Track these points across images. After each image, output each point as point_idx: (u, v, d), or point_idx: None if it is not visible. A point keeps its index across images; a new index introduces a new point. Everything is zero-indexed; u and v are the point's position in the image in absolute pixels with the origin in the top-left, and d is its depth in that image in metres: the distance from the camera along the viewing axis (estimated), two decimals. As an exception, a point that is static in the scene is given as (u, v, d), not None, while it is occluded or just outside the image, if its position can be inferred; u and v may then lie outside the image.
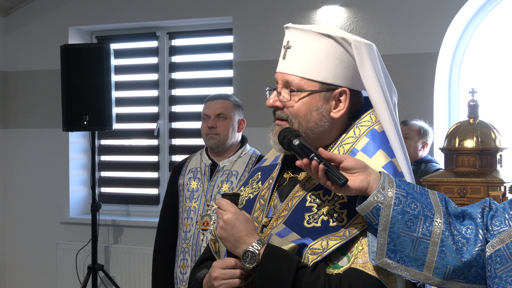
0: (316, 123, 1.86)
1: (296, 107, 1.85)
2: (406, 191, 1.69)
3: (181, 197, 3.52)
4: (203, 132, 3.52)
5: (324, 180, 1.71)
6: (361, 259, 1.74)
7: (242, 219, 1.82)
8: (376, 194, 1.68)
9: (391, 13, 4.89)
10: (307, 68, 1.85)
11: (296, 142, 1.78)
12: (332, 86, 1.86)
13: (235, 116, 3.52)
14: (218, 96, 3.59)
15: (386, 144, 1.87)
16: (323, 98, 1.86)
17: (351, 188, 1.69)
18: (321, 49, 1.85)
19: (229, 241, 1.81)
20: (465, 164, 3.48)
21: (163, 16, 5.57)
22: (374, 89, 1.87)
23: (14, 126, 6.08)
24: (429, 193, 1.74)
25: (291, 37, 1.90)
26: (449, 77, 5.02)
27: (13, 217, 6.10)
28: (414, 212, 1.67)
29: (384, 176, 1.71)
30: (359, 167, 1.71)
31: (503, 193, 3.36)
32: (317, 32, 1.85)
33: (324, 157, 1.72)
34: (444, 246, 1.67)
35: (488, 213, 1.73)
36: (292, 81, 1.86)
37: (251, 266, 1.76)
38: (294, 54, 1.87)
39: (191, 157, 3.65)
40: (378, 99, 1.87)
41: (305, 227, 1.79)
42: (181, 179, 3.55)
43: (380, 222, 1.67)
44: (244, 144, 3.58)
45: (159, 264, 3.60)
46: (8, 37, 6.08)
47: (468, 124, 3.57)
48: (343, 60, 1.86)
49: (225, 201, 1.85)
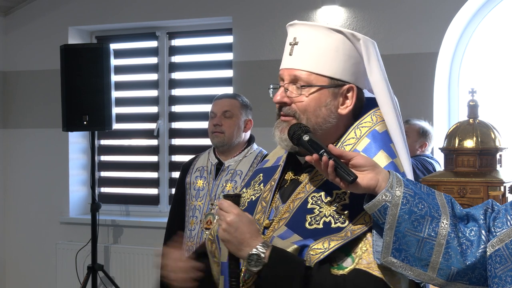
0: (325, 119, 1.85)
1: (305, 102, 1.84)
2: (413, 191, 1.69)
3: (187, 195, 3.55)
4: (209, 130, 3.54)
5: (333, 176, 1.70)
6: (365, 260, 1.73)
7: (246, 221, 1.79)
8: (384, 193, 1.67)
9: (391, 13, 4.89)
10: (316, 62, 1.84)
11: (306, 138, 1.76)
12: (341, 82, 1.86)
13: (242, 116, 3.53)
14: (227, 95, 3.64)
15: (388, 144, 1.86)
16: (332, 94, 1.85)
17: (360, 186, 1.68)
18: (331, 44, 1.84)
19: (232, 243, 1.78)
20: (465, 164, 3.48)
21: (163, 16, 5.57)
22: (380, 86, 1.87)
23: (14, 126, 6.08)
24: (436, 194, 1.74)
25: (298, 33, 1.88)
26: (449, 77, 5.02)
27: (13, 217, 6.09)
28: (421, 212, 1.67)
29: (393, 175, 1.70)
30: (369, 165, 1.70)
31: (503, 193, 3.36)
32: (328, 28, 1.85)
33: (334, 153, 1.71)
34: (449, 248, 1.66)
35: (490, 215, 1.73)
36: (301, 76, 1.84)
37: (257, 269, 1.73)
38: (302, 49, 1.86)
39: (199, 156, 3.67)
40: (385, 96, 1.87)
41: (307, 228, 1.79)
42: (188, 177, 3.58)
43: (387, 221, 1.67)
44: (251, 143, 3.59)
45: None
46: (8, 37, 6.08)
47: (468, 124, 3.56)
48: (352, 57, 1.86)
49: (227, 202, 1.81)
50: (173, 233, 3.58)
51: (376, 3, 4.94)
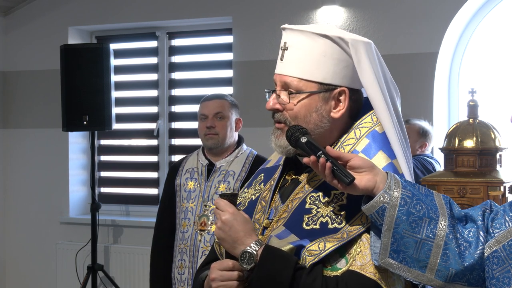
0: (316, 124, 1.85)
1: (295, 110, 1.84)
2: (411, 192, 1.69)
3: (178, 198, 3.51)
4: (201, 133, 3.51)
5: (331, 178, 1.70)
6: (359, 261, 1.73)
7: (240, 219, 1.81)
8: (382, 194, 1.67)
9: (391, 13, 4.89)
10: (305, 69, 1.84)
11: (304, 140, 1.76)
12: (331, 86, 1.85)
13: (232, 116, 3.51)
14: (215, 96, 3.58)
15: (387, 145, 1.85)
16: (322, 98, 1.85)
17: (357, 187, 1.68)
18: (318, 49, 1.84)
19: (227, 241, 1.81)
20: (464, 164, 3.48)
21: (162, 16, 5.57)
22: (372, 88, 1.86)
23: (14, 126, 6.08)
24: (434, 195, 1.73)
25: (288, 38, 1.89)
26: (449, 77, 5.02)
27: (13, 217, 6.09)
28: (419, 213, 1.67)
29: (391, 176, 1.70)
30: (366, 166, 1.70)
31: (503, 193, 3.36)
32: (314, 33, 1.84)
33: (331, 155, 1.71)
34: (448, 249, 1.66)
35: (489, 216, 1.73)
36: (291, 82, 1.85)
37: (249, 267, 1.76)
38: (291, 55, 1.86)
39: (187, 157, 3.64)
40: (377, 98, 1.86)
41: (303, 229, 1.79)
42: (178, 179, 3.54)
43: (385, 222, 1.66)
44: (240, 144, 3.57)
45: (157, 264, 3.60)
46: (8, 37, 6.08)
47: (467, 124, 3.56)
48: (341, 60, 1.85)
49: (223, 201, 1.84)
50: (163, 236, 3.57)
51: (376, 3, 4.94)
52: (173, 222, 3.50)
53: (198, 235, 3.39)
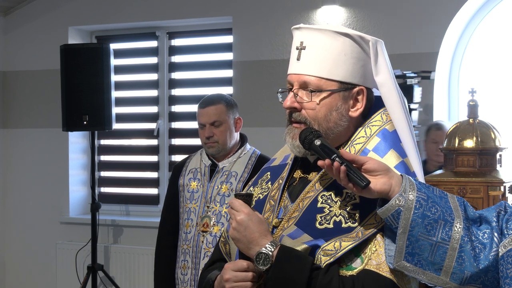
0: (336, 123, 1.85)
1: (317, 109, 1.84)
2: (426, 195, 1.68)
3: (181, 198, 3.50)
4: (202, 141, 3.47)
5: (346, 181, 1.69)
6: (374, 261, 1.73)
7: (255, 220, 1.80)
8: (398, 197, 1.66)
9: (391, 13, 4.89)
10: (325, 67, 1.84)
11: (318, 143, 1.76)
12: (350, 85, 1.85)
13: (230, 119, 3.45)
14: (210, 102, 3.47)
15: (398, 143, 1.86)
16: (342, 97, 1.85)
17: (373, 191, 1.68)
18: (338, 48, 1.84)
19: (242, 242, 1.80)
20: (464, 164, 3.47)
21: (162, 16, 5.57)
22: (387, 86, 1.86)
23: (14, 126, 6.08)
24: (448, 197, 1.73)
25: (304, 37, 1.87)
26: (449, 77, 5.02)
27: (13, 217, 6.09)
28: (434, 216, 1.66)
29: (406, 179, 1.69)
30: (382, 169, 1.69)
31: (503, 193, 3.35)
32: (334, 31, 1.84)
33: (346, 158, 1.70)
34: (463, 252, 1.66)
35: (503, 217, 1.72)
36: (310, 81, 1.84)
37: (265, 268, 1.75)
38: (309, 54, 1.85)
39: (191, 157, 3.62)
40: (392, 96, 1.86)
41: (317, 228, 1.78)
42: (181, 179, 3.52)
43: (400, 225, 1.66)
44: (244, 143, 3.55)
45: (161, 264, 3.59)
46: (8, 37, 6.08)
47: (467, 124, 3.56)
48: (360, 59, 1.85)
49: (238, 201, 1.83)
50: (166, 236, 3.56)
51: (376, 3, 4.94)
52: (177, 222, 3.49)
53: (201, 236, 3.37)
